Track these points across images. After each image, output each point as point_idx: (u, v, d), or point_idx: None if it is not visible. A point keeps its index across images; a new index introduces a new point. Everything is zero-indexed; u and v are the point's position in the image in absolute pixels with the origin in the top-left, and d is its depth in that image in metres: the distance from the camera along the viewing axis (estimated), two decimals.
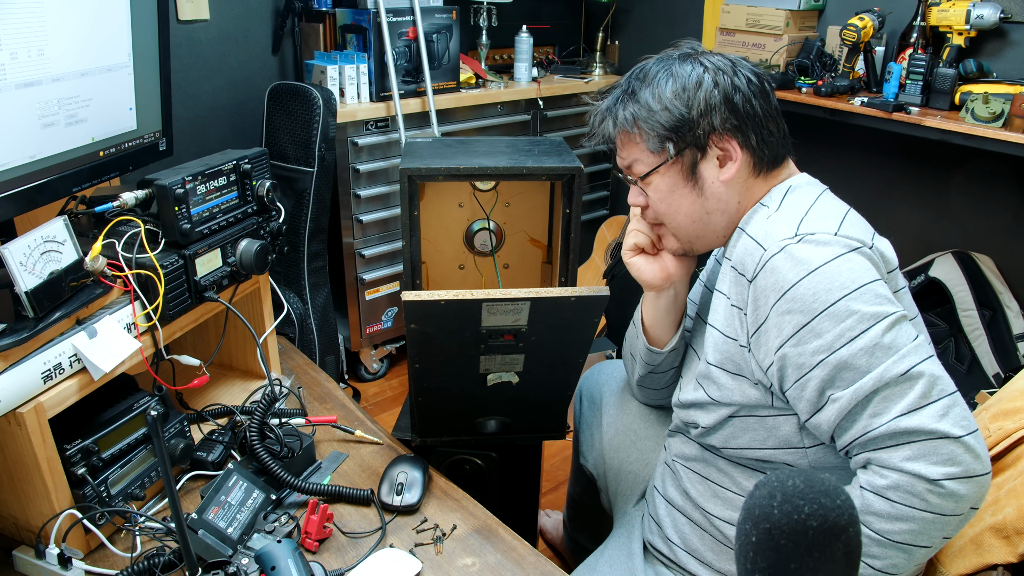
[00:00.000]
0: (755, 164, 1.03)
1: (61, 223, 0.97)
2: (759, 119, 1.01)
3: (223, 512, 1.01)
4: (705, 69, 1.00)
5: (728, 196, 1.04)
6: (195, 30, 2.20)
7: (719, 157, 1.02)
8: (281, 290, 2.14)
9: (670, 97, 1.00)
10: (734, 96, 1.00)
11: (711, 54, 1.04)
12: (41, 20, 1.01)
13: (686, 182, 1.04)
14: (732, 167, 1.02)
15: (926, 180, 2.36)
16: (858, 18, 2.17)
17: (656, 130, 1.01)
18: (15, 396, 0.90)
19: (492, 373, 1.17)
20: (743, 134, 1.01)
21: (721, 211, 1.04)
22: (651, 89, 1.02)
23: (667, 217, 1.08)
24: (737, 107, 1.00)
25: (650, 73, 1.03)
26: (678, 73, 1.01)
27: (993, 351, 2.15)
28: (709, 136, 1.00)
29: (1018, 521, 0.94)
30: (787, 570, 0.62)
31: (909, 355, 0.86)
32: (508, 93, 2.59)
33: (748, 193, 1.04)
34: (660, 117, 1.00)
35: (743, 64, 1.04)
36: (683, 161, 1.02)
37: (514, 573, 1.03)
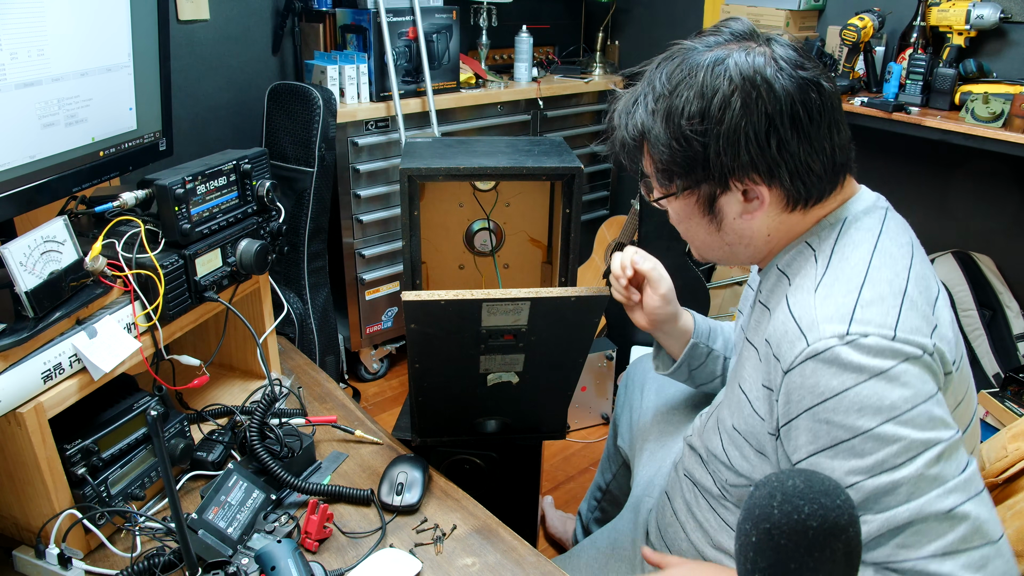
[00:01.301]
0: (790, 202, 0.87)
1: (61, 223, 0.97)
2: (796, 156, 0.82)
3: (223, 512, 1.01)
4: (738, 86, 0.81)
5: (754, 232, 0.90)
6: (195, 30, 2.20)
7: (744, 192, 0.86)
8: (281, 290, 2.14)
9: (686, 126, 0.83)
10: (767, 129, 0.81)
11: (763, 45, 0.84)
12: (41, 20, 1.01)
13: (703, 214, 0.90)
14: (757, 207, 0.87)
15: (926, 180, 2.36)
16: (858, 18, 2.17)
17: (665, 163, 0.87)
18: (15, 396, 0.90)
19: (492, 373, 1.17)
20: (772, 175, 0.84)
21: (745, 244, 0.92)
22: (670, 103, 0.84)
23: (685, 236, 0.97)
24: (767, 144, 0.81)
25: (678, 76, 0.85)
26: (705, 86, 0.82)
27: (993, 351, 2.15)
28: (730, 176, 0.85)
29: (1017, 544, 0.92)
30: (787, 570, 0.62)
31: (956, 491, 0.74)
32: (508, 93, 2.59)
33: (782, 227, 0.89)
34: (671, 149, 0.85)
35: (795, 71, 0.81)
36: (700, 192, 0.88)
37: (514, 573, 1.03)
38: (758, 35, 0.86)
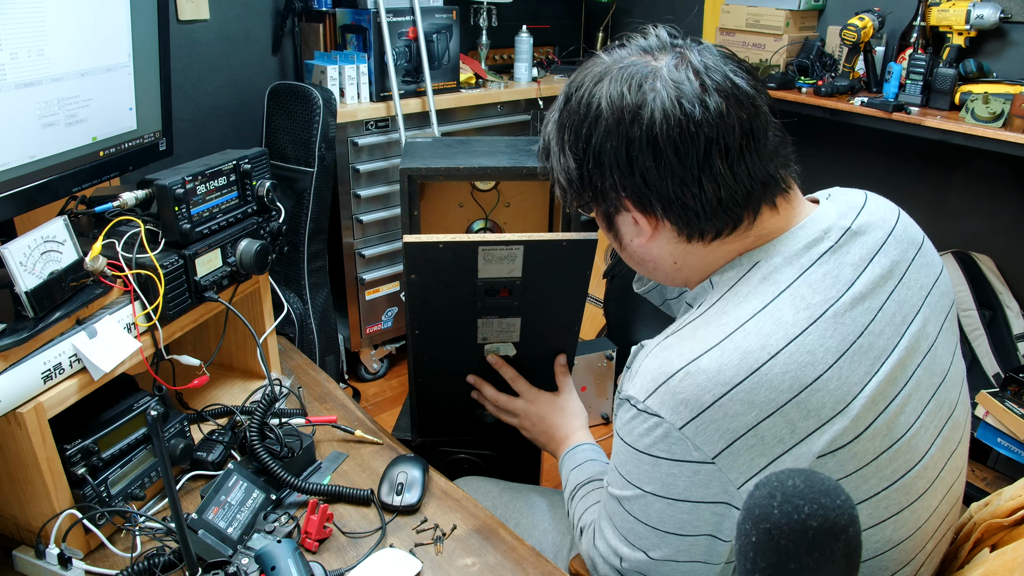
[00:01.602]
0: (682, 233, 0.80)
1: (61, 223, 0.97)
2: (662, 186, 0.76)
3: (223, 512, 1.01)
4: (604, 109, 0.77)
5: (656, 258, 0.86)
6: (195, 30, 2.20)
7: (633, 220, 0.82)
8: (281, 290, 2.14)
9: (568, 141, 0.81)
10: (627, 154, 0.76)
11: (660, 59, 0.78)
12: (41, 20, 1.01)
13: (608, 230, 0.88)
14: (646, 232, 0.82)
15: (926, 180, 2.36)
16: (858, 18, 2.17)
17: (556, 174, 0.86)
18: (15, 396, 0.90)
19: (490, 343, 1.18)
20: (643, 203, 0.79)
21: (652, 268, 0.88)
22: (564, 117, 0.83)
23: None
24: (630, 169, 0.76)
25: (573, 87, 0.82)
26: (583, 107, 0.79)
27: (993, 351, 2.15)
28: (606, 196, 0.81)
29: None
30: (787, 570, 0.62)
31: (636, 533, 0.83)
32: (508, 93, 2.59)
33: (689, 257, 0.83)
34: (558, 164, 0.84)
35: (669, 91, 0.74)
36: (597, 209, 0.86)
37: (514, 573, 1.03)
38: (665, 48, 0.80)
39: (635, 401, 0.78)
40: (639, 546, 0.84)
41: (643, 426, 0.78)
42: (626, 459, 0.82)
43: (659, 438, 0.76)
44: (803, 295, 0.76)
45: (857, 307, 0.77)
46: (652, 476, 0.79)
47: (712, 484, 0.75)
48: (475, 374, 1.25)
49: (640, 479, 0.80)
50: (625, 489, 0.83)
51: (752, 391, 0.72)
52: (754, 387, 0.72)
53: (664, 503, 0.79)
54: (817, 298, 0.76)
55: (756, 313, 0.76)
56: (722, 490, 0.76)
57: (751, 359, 0.73)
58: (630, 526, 0.84)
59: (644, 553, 0.83)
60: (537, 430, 1.21)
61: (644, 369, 0.79)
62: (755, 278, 0.79)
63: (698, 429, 0.74)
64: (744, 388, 0.72)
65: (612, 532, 0.88)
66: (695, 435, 0.74)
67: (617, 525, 0.86)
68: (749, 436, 0.73)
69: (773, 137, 0.79)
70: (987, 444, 2.02)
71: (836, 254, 0.80)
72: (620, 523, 0.86)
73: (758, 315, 0.76)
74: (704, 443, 0.74)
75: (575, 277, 1.11)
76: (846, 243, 0.81)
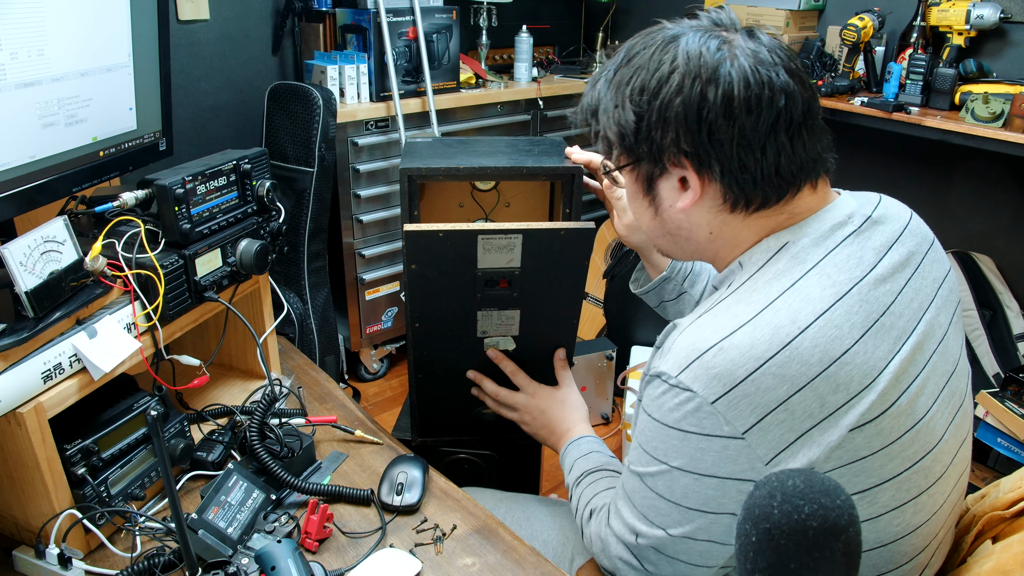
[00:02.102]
0: (727, 200, 0.82)
1: (61, 223, 0.97)
2: (728, 148, 0.78)
3: (223, 512, 1.01)
4: (680, 66, 0.79)
5: (693, 226, 0.86)
6: (195, 30, 2.20)
7: (680, 179, 0.83)
8: (281, 290, 2.14)
9: (628, 94, 0.82)
10: (699, 112, 0.78)
11: (732, 33, 0.81)
12: (41, 20, 1.01)
13: (644, 194, 0.88)
14: (690, 196, 0.83)
15: (926, 180, 2.37)
16: (858, 18, 2.17)
17: (606, 130, 0.87)
18: (15, 396, 0.90)
19: (490, 337, 1.18)
20: (702, 163, 0.80)
21: (686, 238, 0.89)
22: (622, 74, 0.84)
23: (635, 220, 0.96)
24: (698, 128, 0.78)
25: (635, 49, 0.85)
26: (652, 61, 0.81)
27: (993, 351, 2.15)
28: (661, 155, 0.82)
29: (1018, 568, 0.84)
30: (787, 570, 0.62)
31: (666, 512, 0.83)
32: (508, 93, 2.59)
33: (725, 229, 0.85)
34: (612, 117, 0.85)
35: (746, 60, 0.78)
36: (640, 171, 0.86)
37: (514, 573, 1.03)
38: (734, 25, 0.83)
39: (667, 376, 0.79)
40: (658, 523, 0.85)
41: (674, 401, 0.79)
42: (653, 435, 0.82)
43: (690, 412, 0.77)
44: (829, 273, 0.79)
45: (879, 287, 0.80)
46: (680, 451, 0.80)
47: (740, 460, 0.76)
48: (475, 370, 1.25)
49: (667, 454, 0.81)
50: (650, 465, 0.84)
51: (784, 365, 0.74)
52: (786, 361, 0.74)
53: (690, 478, 0.80)
54: (842, 276, 0.79)
55: (785, 290, 0.78)
56: (749, 466, 0.76)
57: (782, 334, 0.75)
58: (651, 503, 0.85)
59: (663, 530, 0.84)
60: (538, 424, 1.21)
61: (677, 346, 0.80)
62: (784, 258, 0.81)
63: (730, 404, 0.75)
64: (776, 362, 0.74)
65: (630, 510, 0.88)
66: (727, 410, 0.75)
67: (636, 503, 0.87)
68: (780, 411, 0.74)
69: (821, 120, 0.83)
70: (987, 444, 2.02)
71: (859, 238, 0.82)
72: (640, 501, 0.86)
73: (787, 292, 0.78)
74: (735, 418, 0.75)
75: (573, 267, 1.12)
76: (868, 229, 0.84)
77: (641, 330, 2.40)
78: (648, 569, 0.88)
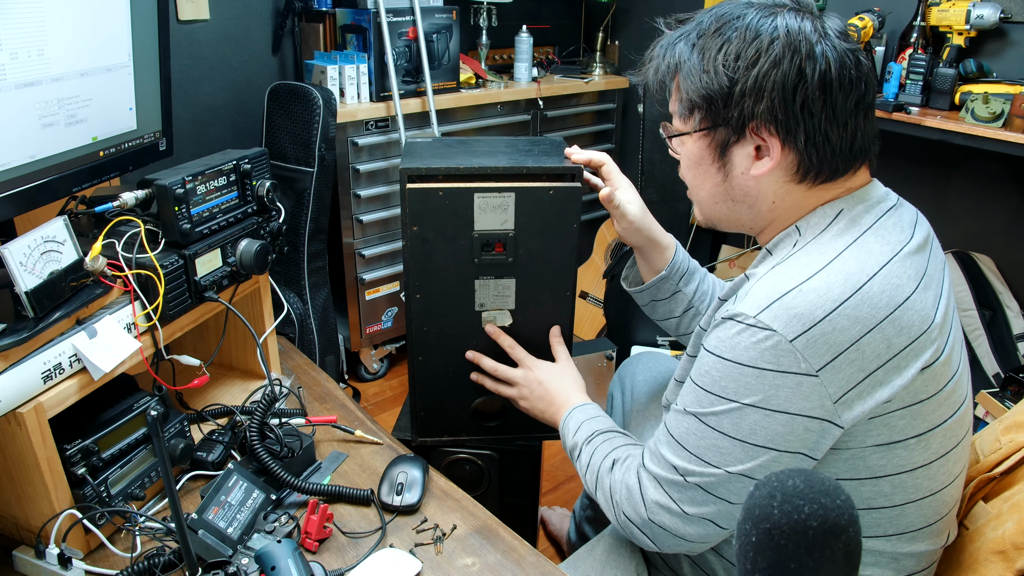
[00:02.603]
0: (800, 169, 0.88)
1: (61, 223, 0.98)
2: (817, 120, 0.84)
3: (223, 512, 1.01)
4: (781, 38, 0.83)
5: (759, 193, 0.91)
6: (195, 30, 2.20)
7: (757, 147, 0.88)
8: (281, 290, 2.14)
9: (720, 60, 0.85)
10: (796, 84, 0.83)
11: (815, 16, 0.87)
12: (41, 20, 1.01)
13: (714, 160, 0.92)
14: (766, 164, 0.88)
15: (926, 180, 2.36)
16: (858, 18, 2.17)
17: (690, 94, 0.89)
18: (15, 396, 0.90)
19: (487, 311, 1.22)
20: (789, 132, 0.85)
21: (749, 205, 0.93)
22: (711, 41, 0.87)
23: (690, 187, 0.98)
24: (792, 99, 0.84)
25: (726, 18, 0.88)
26: (749, 31, 0.85)
27: (993, 351, 2.15)
28: (749, 122, 0.86)
29: (1017, 536, 0.92)
30: (787, 570, 0.62)
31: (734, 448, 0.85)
32: (508, 93, 2.59)
33: (788, 198, 0.90)
34: (700, 81, 0.87)
35: (839, 41, 0.84)
36: (715, 136, 0.90)
37: (514, 573, 1.03)
38: (812, 7, 0.89)
39: (743, 317, 0.83)
40: (715, 462, 0.87)
41: (751, 339, 0.82)
42: (723, 374, 0.85)
43: (767, 349, 0.81)
44: (882, 235, 0.86)
45: (918, 254, 0.88)
46: (754, 387, 0.82)
47: (812, 397, 0.81)
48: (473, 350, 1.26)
49: (738, 392, 0.84)
50: (715, 405, 0.86)
51: (857, 307, 0.80)
52: (858, 304, 0.80)
53: (761, 414, 0.83)
54: (893, 238, 0.87)
55: (849, 245, 0.85)
56: (819, 404, 0.81)
57: (853, 279, 0.81)
58: (712, 442, 0.87)
59: (721, 468, 0.86)
60: (535, 396, 1.21)
61: (755, 291, 0.84)
62: (842, 221, 0.88)
63: (808, 342, 0.79)
64: (850, 304, 0.80)
65: (677, 452, 0.90)
66: (804, 347, 0.80)
67: (690, 445, 0.89)
68: (851, 351, 0.80)
69: None
70: None
71: (896, 212, 0.91)
72: (697, 442, 0.88)
73: (852, 246, 0.85)
74: (812, 355, 0.80)
75: (563, 229, 1.17)
76: (900, 207, 0.92)
77: (641, 330, 2.40)
78: (686, 511, 0.89)
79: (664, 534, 0.92)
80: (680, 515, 0.90)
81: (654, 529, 0.92)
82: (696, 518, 0.89)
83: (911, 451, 0.87)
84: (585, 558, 1.15)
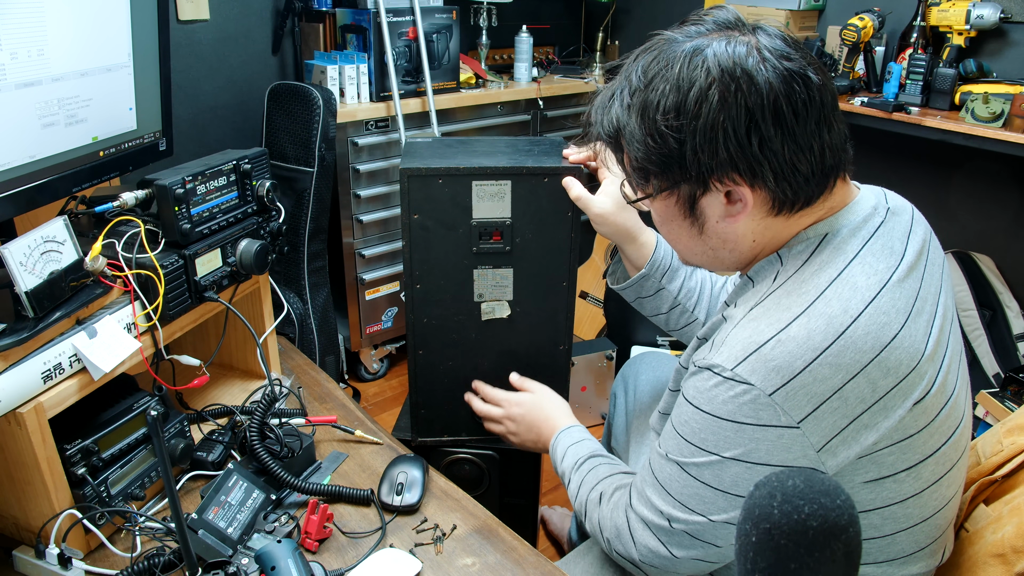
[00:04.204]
0: (775, 205, 0.82)
1: (61, 223, 0.97)
2: (780, 156, 0.78)
3: (223, 512, 1.01)
4: (716, 79, 0.76)
5: (738, 236, 0.86)
6: (195, 30, 2.20)
7: (727, 194, 0.82)
8: (281, 290, 2.14)
9: (661, 121, 0.79)
10: (748, 126, 0.76)
11: (747, 34, 0.79)
12: (41, 20, 1.01)
13: (684, 216, 0.86)
14: (739, 209, 0.82)
15: (926, 180, 2.36)
16: (858, 18, 2.17)
17: (640, 162, 0.83)
18: (15, 396, 0.90)
19: (486, 302, 1.23)
20: (755, 175, 0.79)
21: (730, 249, 0.88)
22: (644, 98, 0.80)
23: (667, 241, 0.94)
24: (748, 142, 0.77)
25: (654, 69, 0.80)
26: (682, 79, 0.77)
27: (993, 351, 2.15)
28: (710, 175, 0.80)
29: (1016, 539, 0.91)
30: (787, 570, 0.62)
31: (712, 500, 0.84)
32: (508, 93, 2.59)
33: (767, 232, 0.85)
34: (647, 147, 0.81)
35: (778, 62, 0.76)
36: (679, 193, 0.84)
37: (514, 573, 1.03)
38: (744, 24, 0.81)
39: (720, 369, 0.80)
40: (699, 510, 0.85)
41: (728, 393, 0.79)
42: (702, 426, 0.82)
43: (746, 403, 0.78)
44: (870, 263, 0.81)
45: (910, 275, 0.83)
46: (733, 441, 0.80)
47: (794, 448, 0.78)
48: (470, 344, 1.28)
49: (718, 445, 0.81)
50: (695, 456, 0.84)
51: (839, 354, 0.76)
52: (841, 350, 0.76)
53: (742, 467, 0.81)
54: (881, 265, 0.81)
55: (833, 280, 0.80)
56: (802, 454, 0.78)
57: (836, 323, 0.77)
58: (694, 491, 0.85)
59: (704, 516, 0.85)
60: (523, 428, 1.25)
61: (732, 339, 0.81)
62: (826, 250, 0.83)
63: (787, 395, 0.76)
64: (832, 352, 0.76)
65: (662, 498, 0.89)
66: (784, 400, 0.76)
67: (673, 491, 0.87)
68: (834, 399, 0.76)
69: None
70: None
71: (886, 228, 0.85)
72: (680, 489, 0.87)
73: (835, 282, 0.79)
74: (792, 408, 0.77)
75: (559, 218, 1.19)
76: (890, 219, 0.86)
77: (641, 330, 2.40)
78: (675, 554, 0.89)
79: (657, 571, 0.92)
80: (670, 557, 0.89)
81: (647, 567, 0.93)
82: (686, 559, 0.89)
83: (901, 484, 0.84)
84: (584, 555, 1.15)
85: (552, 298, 1.25)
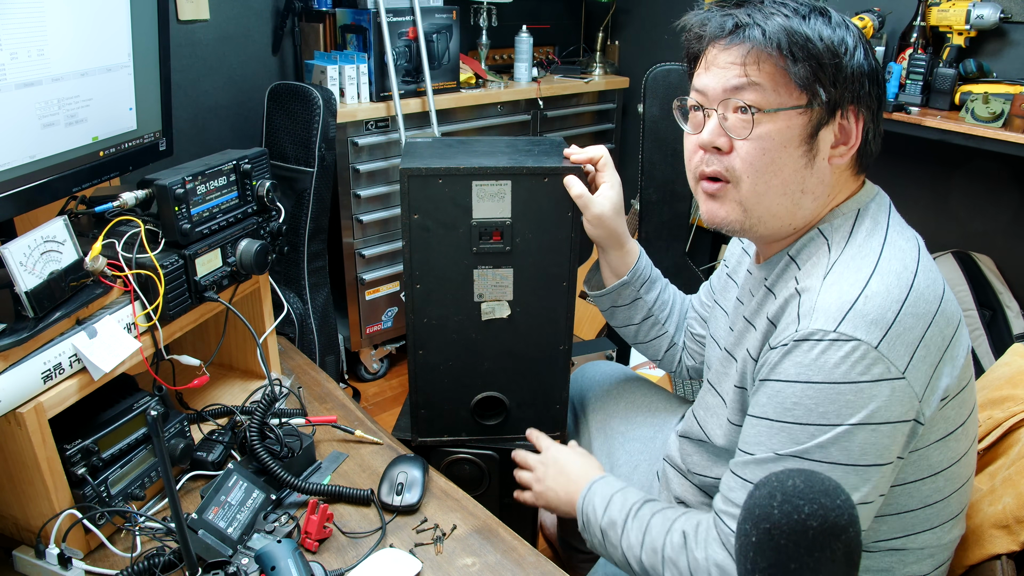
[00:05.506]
0: (858, 158, 0.89)
1: (61, 223, 0.98)
2: (876, 108, 0.88)
3: (223, 512, 1.01)
4: (853, 30, 0.87)
5: (829, 181, 0.89)
6: (195, 30, 2.20)
7: (836, 133, 0.87)
8: (281, 290, 2.14)
9: (829, 37, 0.84)
10: (877, 77, 0.87)
11: None
12: (41, 20, 1.01)
13: (802, 142, 0.86)
14: (845, 151, 0.88)
15: (926, 180, 2.36)
16: (858, 18, 2.16)
17: (813, 63, 0.83)
18: (15, 396, 0.90)
19: (486, 302, 1.23)
20: (871, 119, 0.88)
21: (815, 196, 0.89)
22: (818, 20, 0.86)
23: (755, 178, 0.87)
24: (875, 84, 0.87)
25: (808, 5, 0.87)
26: (838, 24, 0.86)
27: (993, 351, 2.15)
28: (849, 104, 0.86)
29: (1018, 510, 0.95)
30: (787, 570, 0.62)
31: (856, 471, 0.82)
32: (508, 93, 2.59)
33: (842, 187, 0.91)
34: (826, 53, 0.83)
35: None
36: (813, 116, 0.85)
37: (514, 573, 1.03)
38: None
39: (823, 334, 0.80)
40: None
41: (838, 354, 0.80)
42: (817, 400, 0.81)
43: (858, 360, 0.79)
44: (901, 231, 0.89)
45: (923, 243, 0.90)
46: (855, 404, 0.80)
47: (905, 400, 0.81)
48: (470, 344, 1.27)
49: (840, 414, 0.80)
50: (818, 435, 0.81)
51: (915, 304, 0.81)
52: (916, 300, 0.81)
53: (868, 431, 0.80)
54: (909, 233, 0.90)
55: (884, 244, 0.86)
56: (911, 406, 0.81)
57: (904, 278, 0.82)
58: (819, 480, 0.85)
59: None
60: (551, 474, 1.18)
61: (822, 304, 0.82)
62: (865, 221, 0.89)
63: (890, 345, 0.79)
64: (910, 302, 0.81)
65: None
66: (889, 350, 0.79)
67: None
68: (921, 347, 0.81)
69: None
70: None
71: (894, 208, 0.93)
72: None
73: (886, 245, 0.86)
74: (896, 358, 0.80)
75: (559, 218, 1.19)
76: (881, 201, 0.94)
77: None
78: None
79: None
80: None
81: None
82: None
83: (958, 441, 0.88)
84: None
85: (552, 298, 1.25)
